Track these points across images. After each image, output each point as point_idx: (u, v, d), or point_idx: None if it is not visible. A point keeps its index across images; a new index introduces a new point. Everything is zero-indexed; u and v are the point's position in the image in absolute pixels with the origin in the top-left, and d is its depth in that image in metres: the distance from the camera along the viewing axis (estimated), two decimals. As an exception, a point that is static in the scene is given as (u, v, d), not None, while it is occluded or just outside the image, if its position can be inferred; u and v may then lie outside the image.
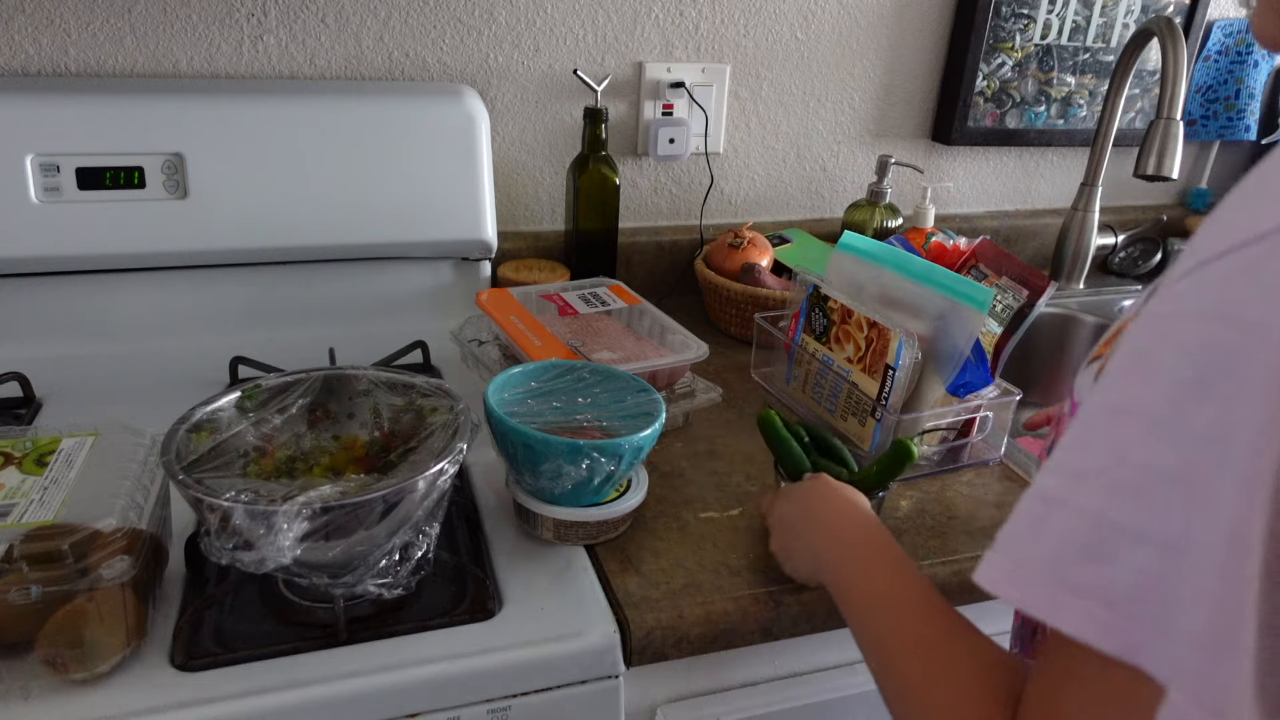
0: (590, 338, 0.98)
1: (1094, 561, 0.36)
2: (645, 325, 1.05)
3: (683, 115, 1.27)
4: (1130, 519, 0.36)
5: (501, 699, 0.66)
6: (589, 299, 1.05)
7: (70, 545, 0.57)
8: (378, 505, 0.61)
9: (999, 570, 0.40)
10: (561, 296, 1.04)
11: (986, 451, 0.95)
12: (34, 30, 1.02)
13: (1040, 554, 0.39)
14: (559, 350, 0.90)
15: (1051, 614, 0.37)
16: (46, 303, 1.01)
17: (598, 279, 1.11)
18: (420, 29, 1.14)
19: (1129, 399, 0.37)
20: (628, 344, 0.98)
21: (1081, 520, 0.37)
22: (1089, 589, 0.36)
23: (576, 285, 1.08)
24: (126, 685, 0.61)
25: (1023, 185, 1.53)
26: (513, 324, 0.95)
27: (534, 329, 0.94)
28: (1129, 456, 0.36)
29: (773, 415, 0.81)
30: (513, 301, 1.00)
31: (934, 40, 1.37)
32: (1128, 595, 0.35)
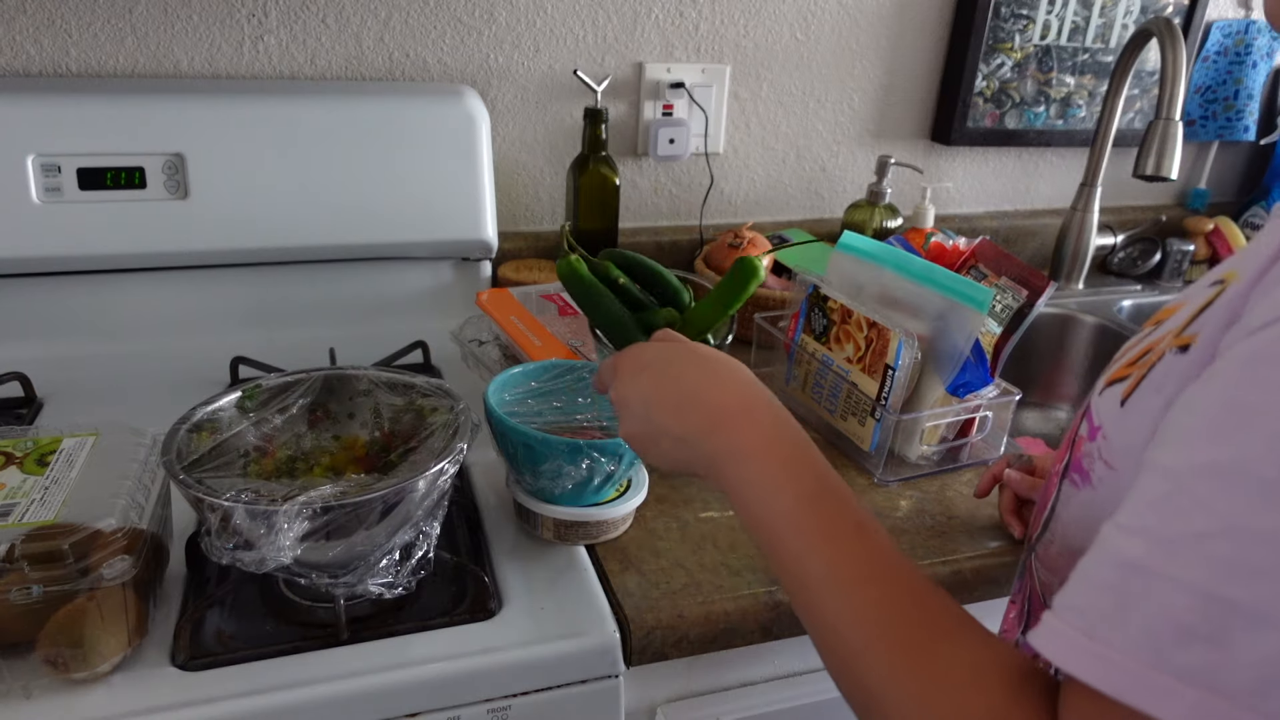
0: (590, 337, 0.98)
1: (1205, 644, 0.32)
2: None
3: (683, 115, 1.27)
4: (1248, 596, 0.31)
5: (501, 699, 0.66)
6: None
7: (71, 545, 0.58)
8: (378, 505, 0.61)
9: (1072, 645, 0.35)
10: (561, 296, 1.04)
11: (986, 451, 0.95)
12: (35, 31, 1.02)
13: (1134, 632, 0.33)
14: (559, 350, 0.90)
15: (1156, 704, 0.32)
16: (48, 303, 1.01)
17: None
18: (420, 29, 1.14)
19: (1230, 457, 0.33)
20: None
21: (1183, 595, 0.32)
22: (1203, 676, 0.32)
23: None
24: (127, 685, 0.61)
25: (1022, 185, 1.54)
26: (513, 324, 0.95)
27: (534, 329, 0.94)
28: (1239, 523, 0.32)
29: (575, 263, 0.65)
30: (513, 301, 1.00)
31: (934, 40, 1.37)
32: (1255, 687, 0.31)
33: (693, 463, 0.53)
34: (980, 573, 0.79)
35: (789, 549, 0.46)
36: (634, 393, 0.56)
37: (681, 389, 0.54)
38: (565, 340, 0.94)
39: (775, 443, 0.50)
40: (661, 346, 0.58)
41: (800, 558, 0.46)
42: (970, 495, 0.89)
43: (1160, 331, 0.45)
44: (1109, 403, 0.46)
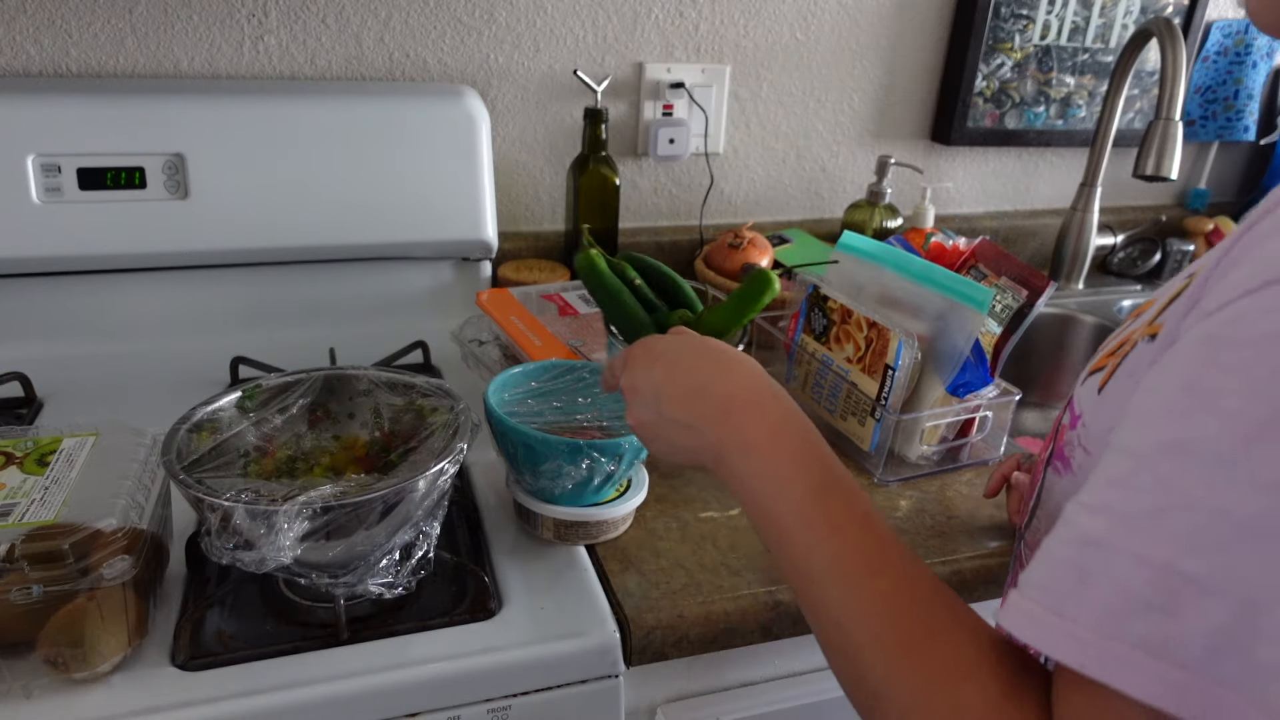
0: (590, 338, 0.98)
1: (1161, 614, 0.33)
2: None
3: (683, 115, 1.27)
4: (1200, 568, 0.32)
5: (501, 699, 0.66)
6: (589, 299, 1.05)
7: (71, 545, 0.58)
8: (378, 505, 0.61)
9: (1038, 621, 0.36)
10: (561, 296, 1.04)
11: (986, 451, 0.95)
12: (35, 31, 1.02)
13: (1093, 605, 0.34)
14: (559, 350, 0.90)
15: (1116, 675, 0.33)
16: (48, 303, 1.01)
17: None
18: (420, 29, 1.14)
19: (1188, 435, 0.34)
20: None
21: (1141, 569, 0.33)
22: (1159, 647, 0.32)
23: (576, 285, 1.08)
24: (127, 685, 0.61)
25: (1022, 185, 1.54)
26: (513, 324, 0.95)
27: (534, 329, 0.94)
28: (1193, 499, 0.33)
29: (595, 258, 0.67)
30: (513, 301, 1.00)
31: (934, 40, 1.37)
32: (1206, 655, 0.32)
33: (699, 452, 0.53)
34: (980, 573, 0.79)
35: (795, 542, 0.46)
36: (645, 381, 0.56)
37: (692, 379, 0.54)
38: (565, 340, 0.94)
39: (783, 435, 0.50)
40: (675, 339, 0.58)
41: (806, 551, 0.46)
42: (970, 495, 0.89)
43: (1137, 323, 0.47)
44: (1088, 391, 0.47)
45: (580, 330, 0.99)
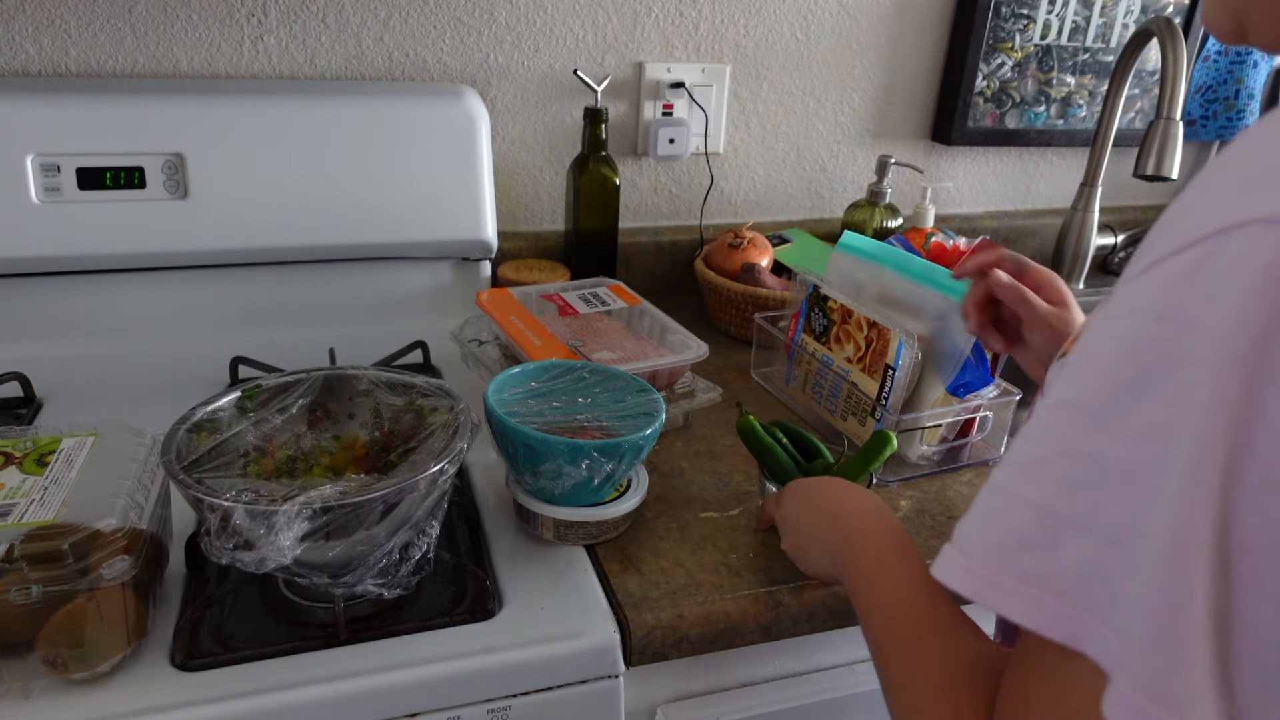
0: (590, 338, 0.98)
1: (1040, 550, 0.37)
2: (645, 325, 1.04)
3: (683, 115, 1.27)
4: (1074, 509, 0.37)
5: (501, 699, 0.66)
6: (589, 299, 1.05)
7: (70, 545, 0.58)
8: (378, 505, 0.61)
9: (952, 563, 0.41)
10: (561, 296, 1.04)
11: (986, 451, 0.95)
12: (35, 30, 1.02)
13: (989, 544, 0.40)
14: (559, 350, 0.90)
15: (1001, 603, 0.38)
16: (47, 303, 1.01)
17: (598, 279, 1.10)
18: (420, 29, 1.14)
19: (1074, 393, 0.38)
20: (628, 344, 0.98)
21: (1027, 510, 0.38)
22: (1037, 577, 0.37)
23: (576, 285, 1.08)
24: (127, 685, 0.61)
25: (1022, 185, 1.54)
26: (513, 324, 0.95)
27: (534, 329, 0.94)
28: (1072, 448, 0.37)
29: (753, 422, 0.82)
30: (513, 301, 1.00)
31: (934, 40, 1.37)
32: (1074, 585, 0.36)
33: (833, 565, 0.65)
34: (980, 573, 0.79)
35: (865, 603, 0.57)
36: (791, 509, 0.71)
37: (823, 503, 0.69)
38: (565, 340, 0.94)
39: (885, 563, 0.59)
40: (813, 479, 0.74)
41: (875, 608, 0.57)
42: (971, 495, 0.88)
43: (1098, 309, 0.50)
44: (1055, 374, 0.50)
45: (580, 330, 0.99)
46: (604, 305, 1.04)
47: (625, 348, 0.97)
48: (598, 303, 1.04)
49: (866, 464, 0.79)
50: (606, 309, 1.04)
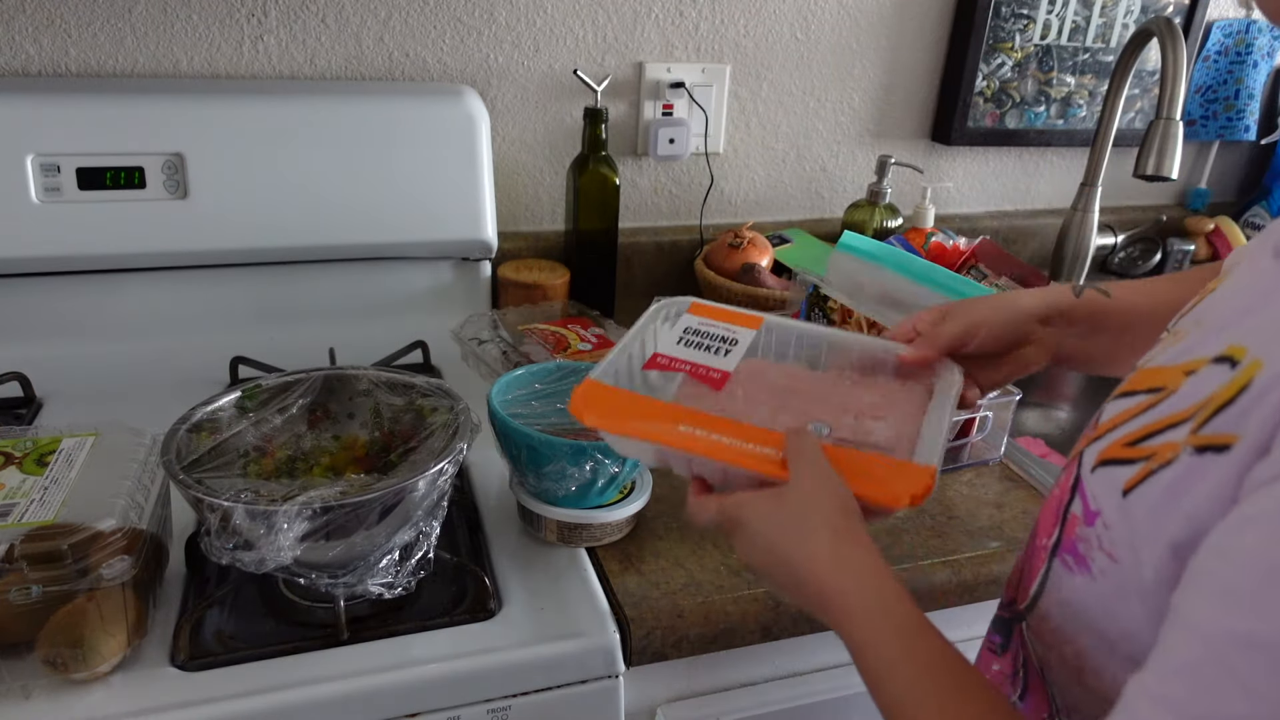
0: (802, 404, 0.62)
1: None
2: (823, 353, 0.68)
3: (683, 115, 1.27)
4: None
5: (501, 699, 0.66)
6: (705, 342, 0.65)
7: (70, 545, 0.58)
8: (377, 505, 0.61)
9: None
10: (679, 360, 0.64)
11: (986, 451, 0.95)
12: (35, 30, 1.02)
13: None
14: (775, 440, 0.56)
15: None
16: (47, 303, 1.01)
17: (658, 308, 0.69)
18: (420, 29, 1.14)
19: (1265, 629, 0.31)
20: (863, 395, 0.63)
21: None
22: None
23: (667, 328, 0.68)
24: (127, 685, 0.61)
25: (1022, 185, 1.54)
26: (676, 434, 0.56)
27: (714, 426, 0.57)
28: (1266, 705, 0.30)
29: None
30: (607, 396, 0.60)
31: (934, 40, 1.37)
32: None
33: (803, 602, 0.53)
34: (980, 573, 0.79)
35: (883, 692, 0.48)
36: (748, 558, 0.55)
37: (797, 581, 0.51)
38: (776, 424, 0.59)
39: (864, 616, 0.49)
40: (767, 520, 0.53)
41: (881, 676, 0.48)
42: (971, 495, 0.89)
43: (1163, 411, 0.42)
44: (1106, 487, 0.43)
45: (757, 393, 0.62)
46: (726, 342, 0.66)
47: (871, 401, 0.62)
48: (716, 342, 0.66)
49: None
50: (734, 342, 0.66)
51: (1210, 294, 0.48)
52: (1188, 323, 0.47)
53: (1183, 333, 0.46)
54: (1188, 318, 0.48)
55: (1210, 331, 0.43)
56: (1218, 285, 0.48)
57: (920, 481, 0.53)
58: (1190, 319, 0.47)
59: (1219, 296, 0.47)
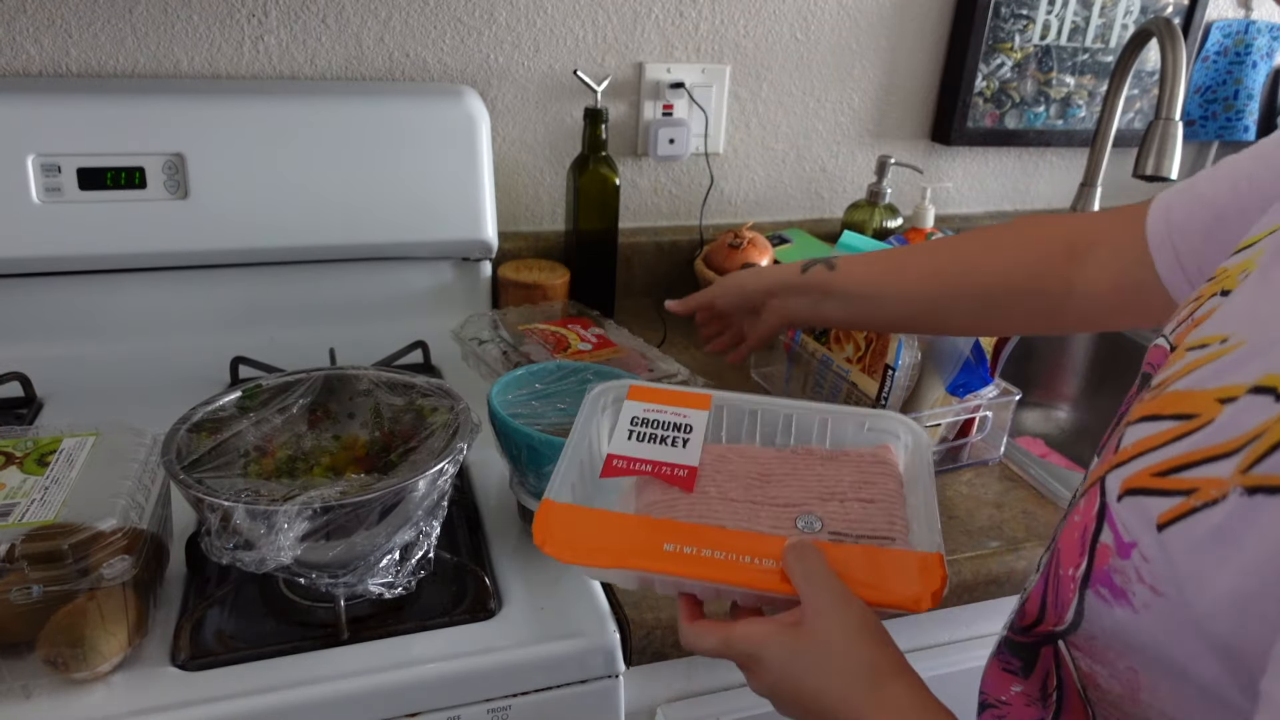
0: (780, 492, 0.58)
1: None
2: (784, 427, 0.64)
3: (683, 116, 1.27)
4: None
5: (501, 699, 0.66)
6: (657, 433, 0.61)
7: (71, 545, 0.58)
8: (377, 505, 0.61)
9: None
10: (637, 460, 0.59)
11: (986, 451, 0.95)
12: (35, 31, 1.02)
13: None
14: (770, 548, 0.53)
15: None
16: (47, 303, 1.01)
17: (595, 396, 0.65)
18: (420, 29, 1.14)
19: None
20: (839, 473, 0.59)
21: None
22: None
23: (608, 420, 0.64)
24: (127, 685, 0.61)
25: (1022, 185, 1.54)
26: (672, 556, 0.52)
27: (700, 540, 0.53)
28: None
29: None
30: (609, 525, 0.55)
31: (934, 40, 1.37)
32: None
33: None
34: (980, 573, 0.79)
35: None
36: (767, 694, 0.52)
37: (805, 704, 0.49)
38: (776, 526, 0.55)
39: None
40: (793, 665, 0.49)
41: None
42: (970, 495, 0.89)
43: (1199, 441, 0.39)
44: (1138, 518, 0.41)
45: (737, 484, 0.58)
46: (679, 429, 0.61)
47: (849, 481, 0.59)
48: (669, 431, 0.61)
49: None
50: (688, 428, 0.61)
51: (1234, 294, 0.44)
52: (1210, 330, 0.43)
53: (1210, 349, 0.42)
54: (1209, 324, 0.44)
55: (1246, 355, 0.40)
56: (1239, 281, 0.45)
57: (935, 574, 0.51)
58: (1213, 325, 0.43)
59: (1244, 302, 0.43)
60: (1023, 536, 0.83)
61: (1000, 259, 0.76)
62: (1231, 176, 0.59)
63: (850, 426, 0.63)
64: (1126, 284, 0.66)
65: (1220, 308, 0.45)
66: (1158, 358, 0.49)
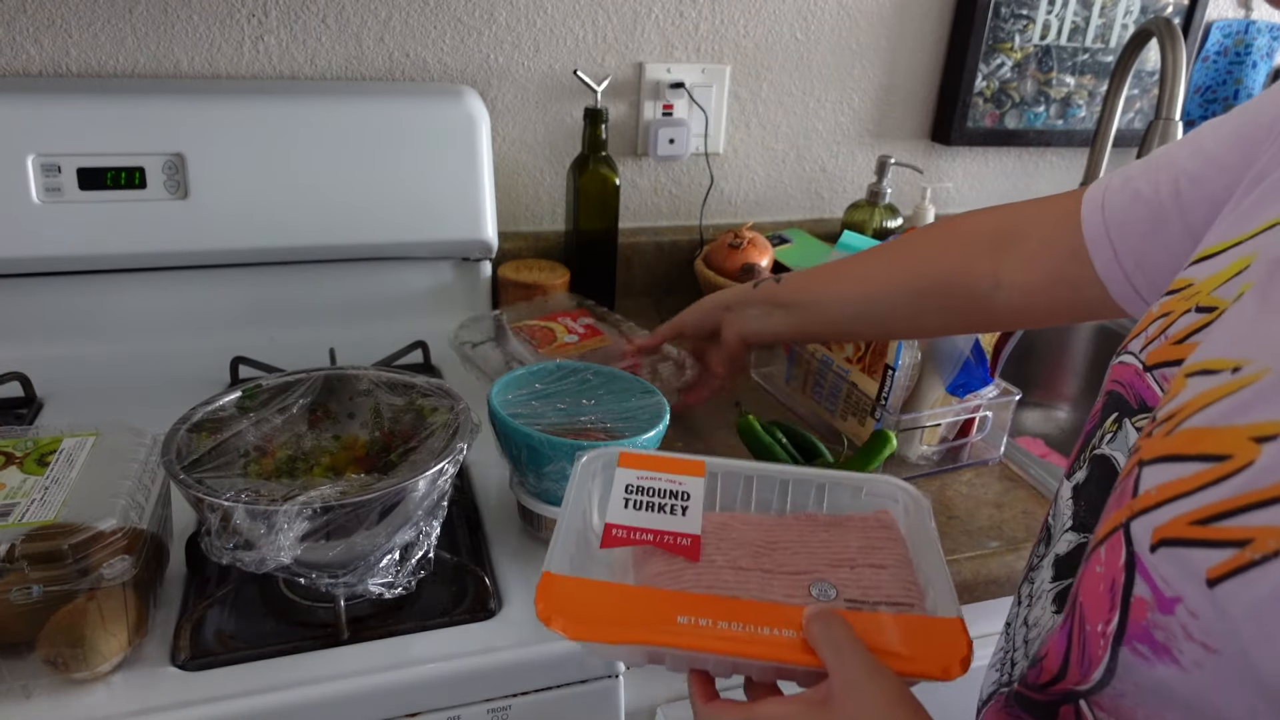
0: (788, 560, 0.56)
1: None
2: (780, 493, 0.63)
3: (683, 115, 1.27)
4: None
5: (501, 699, 0.66)
6: (655, 500, 0.58)
7: (71, 545, 0.58)
8: (377, 505, 0.61)
9: None
10: (637, 529, 0.56)
11: (986, 451, 0.95)
12: (35, 31, 1.02)
13: None
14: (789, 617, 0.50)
15: None
16: (47, 303, 1.01)
17: (585, 464, 0.62)
18: (420, 29, 1.14)
19: None
20: (846, 538, 0.58)
21: None
22: None
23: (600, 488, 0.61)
24: (127, 685, 0.61)
25: (1022, 185, 1.54)
26: (688, 630, 0.49)
27: (715, 612, 0.51)
28: None
29: (753, 422, 0.82)
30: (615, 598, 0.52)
31: (934, 40, 1.37)
32: None
33: None
34: (980, 573, 0.79)
35: None
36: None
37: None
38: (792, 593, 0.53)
39: None
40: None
41: None
42: (970, 495, 0.89)
43: (1240, 486, 0.36)
44: (1180, 572, 0.37)
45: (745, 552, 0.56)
46: (677, 497, 0.59)
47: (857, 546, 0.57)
48: (667, 499, 0.58)
49: (866, 463, 0.79)
50: (686, 495, 0.59)
51: (1228, 314, 0.41)
52: (1210, 354, 0.40)
53: (1222, 378, 0.39)
54: (1208, 348, 0.41)
55: (1274, 386, 0.37)
56: (1229, 300, 0.42)
57: (960, 639, 0.49)
58: (1214, 349, 0.40)
59: (1248, 325, 0.40)
60: (1023, 536, 0.83)
61: (926, 256, 0.74)
62: (1170, 174, 0.56)
63: (847, 492, 0.62)
64: (1060, 278, 0.64)
65: (1214, 329, 0.42)
66: (1126, 375, 0.46)
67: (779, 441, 0.83)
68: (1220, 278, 0.43)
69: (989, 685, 0.53)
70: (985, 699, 0.52)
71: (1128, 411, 0.46)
